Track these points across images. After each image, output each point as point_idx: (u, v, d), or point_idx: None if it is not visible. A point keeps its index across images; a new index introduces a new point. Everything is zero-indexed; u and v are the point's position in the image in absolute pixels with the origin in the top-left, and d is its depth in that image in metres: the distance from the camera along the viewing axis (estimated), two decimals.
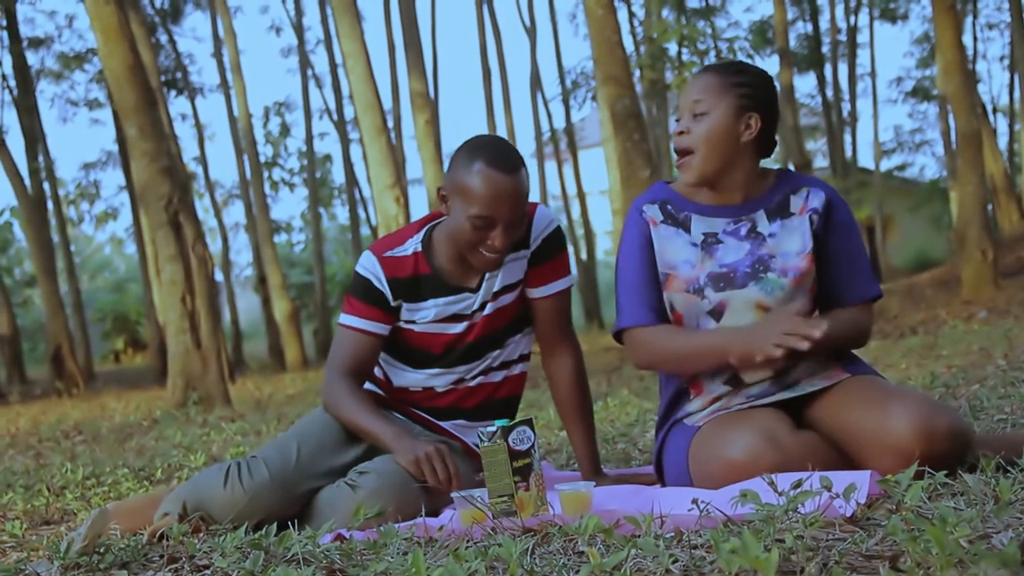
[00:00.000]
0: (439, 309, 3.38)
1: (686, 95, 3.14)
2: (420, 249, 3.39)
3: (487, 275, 3.38)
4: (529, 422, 3.02)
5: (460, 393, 3.47)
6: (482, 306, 3.40)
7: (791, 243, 3.13)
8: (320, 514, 3.19)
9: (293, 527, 3.03)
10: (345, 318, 3.42)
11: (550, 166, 30.43)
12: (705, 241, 3.16)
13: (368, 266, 3.39)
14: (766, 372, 3.10)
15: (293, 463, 3.28)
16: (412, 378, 3.47)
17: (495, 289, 3.40)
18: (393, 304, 3.38)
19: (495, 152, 3.21)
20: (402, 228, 3.48)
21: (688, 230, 3.18)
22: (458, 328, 3.40)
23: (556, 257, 3.46)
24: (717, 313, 3.11)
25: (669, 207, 3.22)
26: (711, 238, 3.16)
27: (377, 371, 3.54)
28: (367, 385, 3.53)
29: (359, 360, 3.41)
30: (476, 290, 3.39)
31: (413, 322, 3.40)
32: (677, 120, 3.18)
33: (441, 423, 3.49)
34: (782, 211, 3.16)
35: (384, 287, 3.36)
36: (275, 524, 2.87)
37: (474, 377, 3.47)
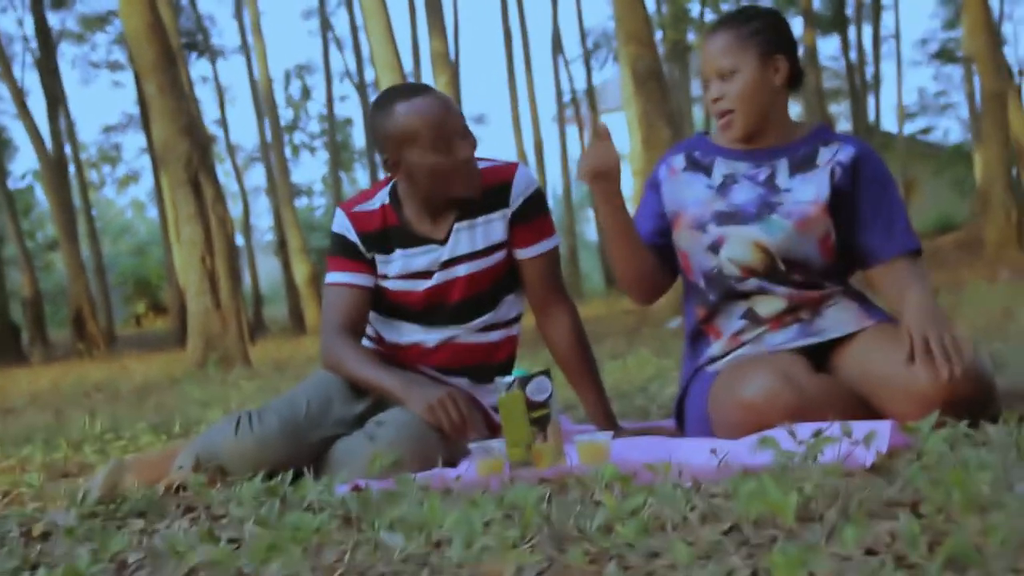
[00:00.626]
0: (405, 260, 3.37)
1: (708, 59, 3.12)
2: (388, 201, 3.40)
3: (455, 227, 3.36)
4: (547, 373, 3.00)
5: (453, 350, 3.44)
6: (451, 263, 3.37)
7: (804, 192, 3.10)
8: (337, 464, 3.18)
9: (309, 472, 3.02)
10: (330, 276, 3.43)
11: (571, 130, 30.33)
12: (723, 183, 3.17)
13: (339, 223, 3.42)
14: (779, 302, 3.09)
15: (303, 412, 3.29)
16: (400, 333, 3.46)
17: (470, 250, 3.37)
18: (368, 257, 3.37)
19: (404, 90, 3.30)
20: (369, 187, 3.49)
21: (709, 173, 3.20)
22: (426, 284, 3.38)
23: (539, 217, 3.44)
24: (715, 246, 3.12)
25: (696, 153, 3.25)
26: (729, 179, 3.17)
27: (370, 330, 3.53)
28: (365, 343, 3.51)
29: (351, 315, 3.40)
30: (443, 242, 3.36)
31: (386, 276, 3.40)
32: (704, 86, 3.16)
33: (446, 377, 3.47)
34: (806, 164, 3.14)
35: (356, 240, 3.37)
36: (291, 473, 2.87)
37: (474, 332, 3.44)
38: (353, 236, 3.38)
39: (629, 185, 25.59)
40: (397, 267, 3.38)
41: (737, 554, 1.86)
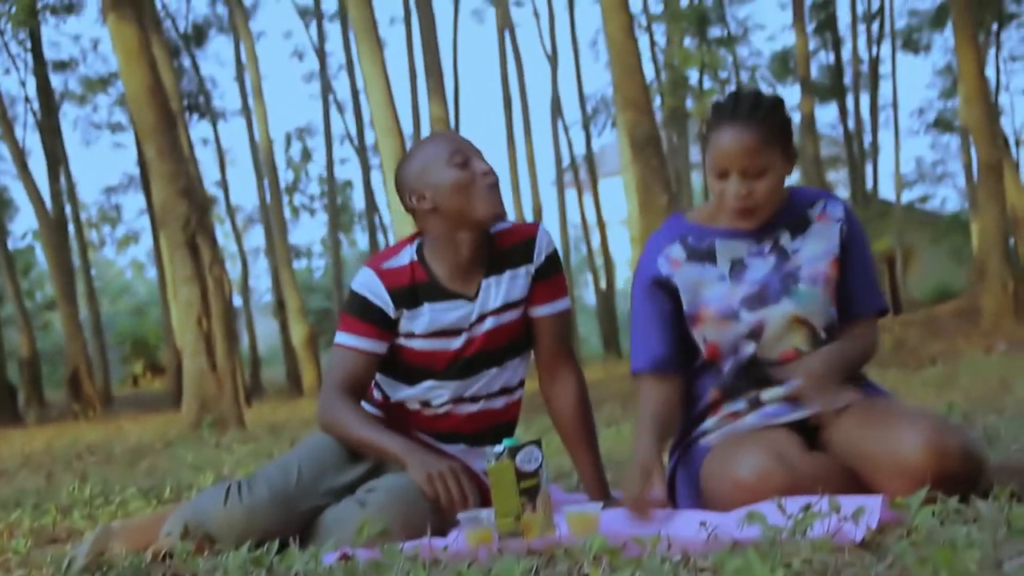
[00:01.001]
0: (433, 315, 3.33)
1: (732, 155, 2.99)
2: (416, 258, 3.38)
3: (484, 284, 3.36)
4: (538, 443, 2.99)
5: (461, 418, 3.43)
6: (481, 319, 3.36)
7: (815, 248, 3.10)
8: (326, 532, 3.16)
9: (295, 543, 3.00)
10: (340, 336, 3.39)
11: (570, 194, 30.42)
12: (732, 269, 3.13)
13: (365, 281, 3.36)
14: (781, 390, 3.08)
15: (294, 481, 3.26)
16: (409, 392, 3.42)
17: (497, 304, 3.36)
18: (394, 315, 3.33)
19: (431, 135, 3.45)
20: (393, 245, 3.48)
21: (714, 260, 3.14)
22: (457, 343, 3.35)
23: (557, 275, 3.46)
24: (755, 333, 3.08)
25: (690, 239, 3.18)
26: (738, 264, 3.13)
27: (376, 393, 3.51)
28: (365, 406, 3.49)
29: (355, 379, 3.37)
30: (473, 298, 3.36)
31: (412, 335, 3.35)
32: (719, 174, 3.03)
33: (443, 445, 3.45)
34: (802, 225, 3.14)
35: (385, 299, 3.32)
36: (277, 542, 2.84)
37: (476, 400, 3.42)
38: (378, 298, 3.32)
39: (627, 250, 25.49)
40: (425, 322, 3.33)
41: None
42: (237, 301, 30.25)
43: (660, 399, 3.15)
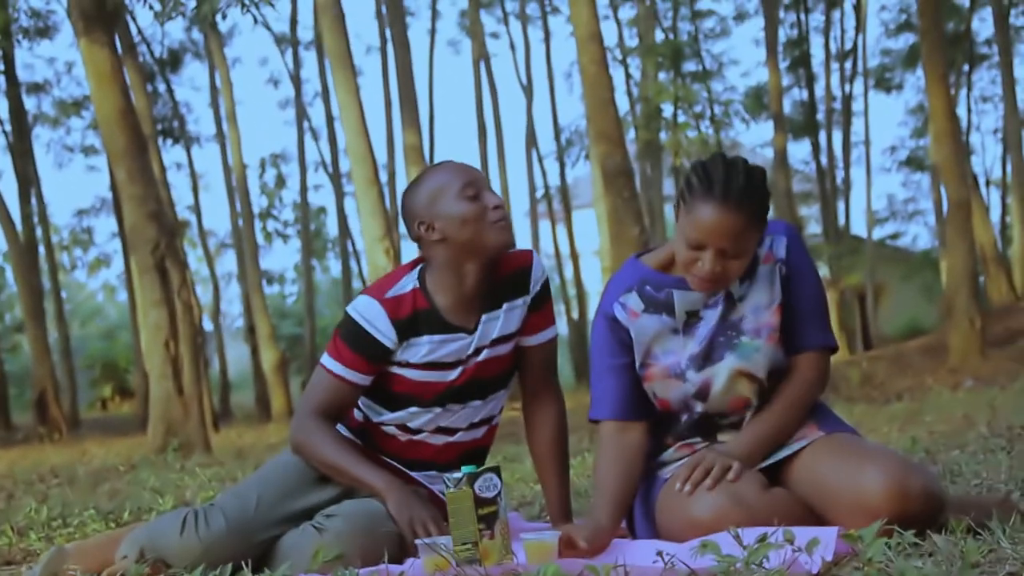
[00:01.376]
0: (432, 346, 3.30)
1: (714, 234, 2.91)
2: (418, 286, 3.33)
3: (483, 318, 3.33)
4: (496, 469, 2.98)
5: (437, 448, 3.40)
6: (477, 351, 3.35)
7: (760, 296, 3.09)
8: (283, 557, 3.14)
9: (246, 567, 2.98)
10: (329, 362, 3.34)
11: (544, 225, 30.46)
12: (687, 322, 3.12)
13: (365, 312, 3.28)
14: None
15: (252, 511, 3.23)
16: (389, 416, 3.40)
17: (494, 336, 3.35)
18: (394, 347, 3.29)
19: (440, 162, 3.37)
20: (392, 271, 3.44)
21: (672, 311, 3.12)
22: (452, 375, 3.34)
23: (548, 304, 3.45)
24: (702, 393, 3.09)
25: (648, 288, 3.15)
26: (693, 317, 3.12)
27: (357, 414, 3.47)
28: (342, 431, 3.47)
29: (335, 406, 3.35)
30: (472, 331, 3.34)
31: (408, 364, 3.32)
32: (695, 246, 2.95)
33: (411, 472, 3.43)
34: (749, 269, 3.12)
35: (386, 332, 3.27)
36: (231, 566, 2.83)
37: (455, 432, 3.41)
38: (378, 331, 3.26)
39: (599, 280, 25.49)
40: (423, 353, 3.30)
41: None
42: (208, 326, 30.13)
43: (620, 447, 3.14)
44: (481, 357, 3.34)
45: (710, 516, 2.82)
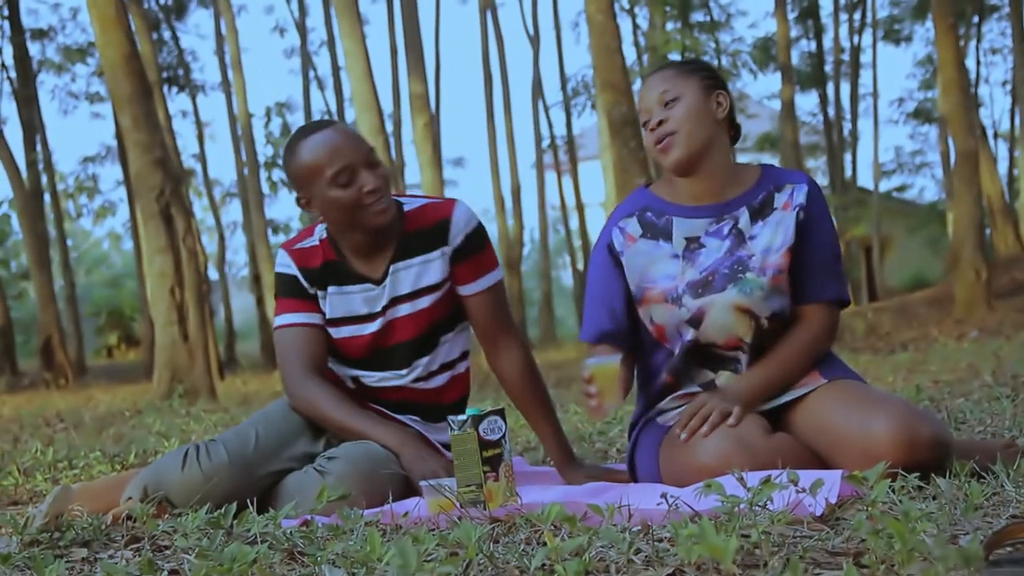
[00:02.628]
0: (341, 299, 3.35)
1: (648, 93, 3.12)
2: (326, 236, 3.38)
3: (391, 268, 3.34)
4: (501, 412, 2.98)
5: (399, 394, 3.43)
6: (393, 304, 3.35)
7: (772, 238, 3.08)
8: (287, 498, 3.16)
9: (252, 505, 3.00)
10: (280, 318, 3.40)
11: (550, 176, 30.41)
12: (687, 248, 3.11)
13: (282, 261, 3.40)
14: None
15: (252, 446, 3.25)
16: (343, 371, 3.45)
17: (408, 290, 3.35)
18: (311, 291, 3.36)
19: (306, 128, 3.31)
20: (308, 226, 3.47)
21: (670, 237, 3.12)
22: (371, 327, 3.36)
23: (480, 252, 3.41)
24: (696, 320, 3.06)
25: (649, 214, 3.17)
26: (693, 243, 3.11)
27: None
28: None
29: (312, 355, 3.37)
30: (380, 282, 3.35)
31: (329, 322, 3.37)
32: (644, 124, 3.14)
33: (397, 415, 3.44)
34: (765, 209, 3.11)
35: (301, 276, 3.36)
36: (235, 505, 2.83)
37: (414, 381, 3.42)
38: (295, 272, 3.37)
39: None
40: (335, 304, 3.36)
41: None
42: (214, 274, 30.19)
43: None
44: (403, 311, 3.35)
45: (714, 461, 2.82)
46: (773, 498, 2.40)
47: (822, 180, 32.02)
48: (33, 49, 25.94)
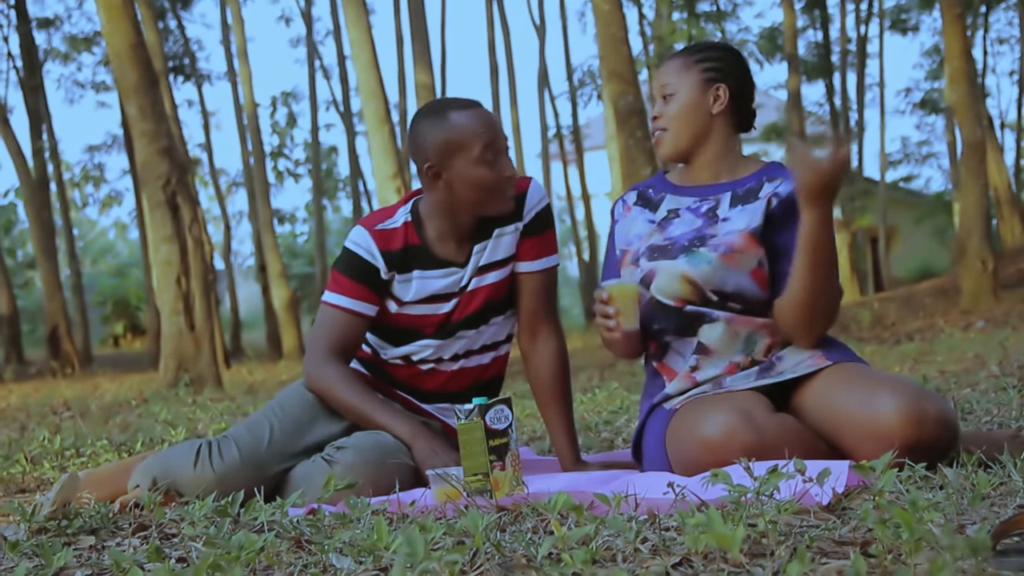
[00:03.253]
0: (422, 283, 3.30)
1: (655, 83, 3.21)
2: (409, 219, 3.33)
3: (475, 248, 3.33)
4: (507, 401, 2.98)
5: (446, 376, 3.41)
6: (469, 281, 3.34)
7: (738, 222, 3.11)
8: (295, 487, 3.16)
9: (258, 494, 3.00)
10: (331, 296, 3.33)
11: (555, 166, 30.39)
12: (665, 217, 3.19)
13: (359, 240, 3.30)
14: (720, 326, 3.08)
15: (265, 444, 3.24)
16: (394, 352, 3.40)
17: (485, 262, 3.34)
18: (385, 277, 3.30)
19: (455, 101, 3.27)
20: (387, 206, 3.43)
21: (655, 210, 3.22)
22: (447, 307, 3.33)
23: (546, 232, 3.40)
24: (646, 281, 3.11)
25: (650, 191, 3.28)
26: (672, 214, 3.19)
27: (366, 348, 3.47)
28: (353, 363, 3.47)
29: (346, 341, 3.33)
30: (464, 265, 3.33)
31: (403, 302, 3.32)
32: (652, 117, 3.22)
33: (424, 405, 3.44)
34: (748, 196, 3.14)
35: (378, 260, 3.28)
36: (242, 493, 2.84)
37: (458, 358, 3.41)
38: (373, 257, 3.29)
39: (609, 221, 25.63)
40: (413, 290, 3.31)
41: None
42: (220, 264, 30.18)
43: None
44: (471, 286, 3.34)
45: (721, 435, 2.82)
46: (780, 487, 2.41)
47: None
48: (39, 38, 25.96)
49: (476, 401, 2.92)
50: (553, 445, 3.47)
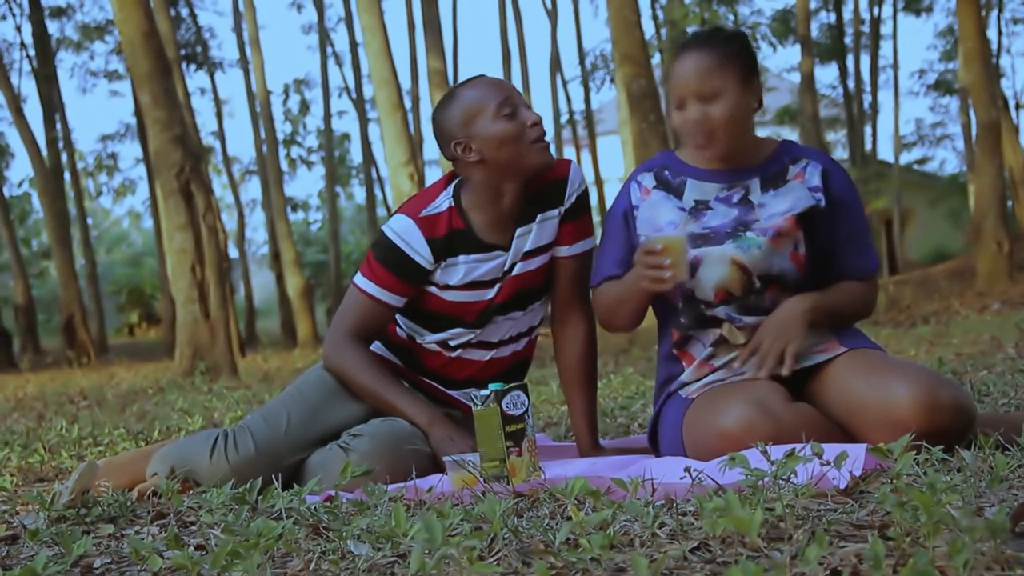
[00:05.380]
0: (469, 266, 3.28)
1: (685, 80, 3.05)
2: (453, 204, 3.29)
3: (518, 232, 3.30)
4: (524, 387, 2.98)
5: (479, 365, 3.40)
6: (512, 266, 3.33)
7: (778, 205, 3.10)
8: (311, 475, 3.17)
9: (277, 481, 3.01)
10: (363, 282, 3.31)
11: (569, 151, 30.35)
12: (695, 207, 3.14)
13: (402, 231, 3.26)
14: (743, 335, 3.08)
15: (281, 434, 3.24)
16: (432, 337, 3.38)
17: (526, 248, 3.32)
18: (431, 268, 3.27)
19: (471, 77, 3.29)
20: (426, 189, 3.39)
21: (681, 196, 3.16)
22: (491, 292, 3.32)
23: (585, 215, 3.39)
24: (692, 268, 3.08)
25: (666, 172, 3.21)
26: (701, 205, 3.14)
27: (400, 332, 3.45)
28: (381, 349, 3.47)
29: (370, 328, 3.34)
30: (508, 248, 3.31)
31: (448, 287, 3.30)
32: (678, 105, 3.09)
33: (450, 391, 3.43)
34: (777, 180, 3.13)
35: (423, 252, 3.24)
36: (260, 481, 2.85)
37: (491, 347, 3.40)
38: (415, 251, 3.25)
39: None
40: (460, 274, 3.28)
41: (702, 572, 1.85)
42: (234, 252, 30.24)
43: None
44: (516, 271, 3.32)
45: (739, 427, 2.82)
46: (797, 471, 2.40)
47: (842, 153, 31.91)
48: (52, 27, 25.97)
49: (492, 387, 2.92)
50: (573, 427, 3.48)
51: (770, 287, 3.09)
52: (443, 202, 3.29)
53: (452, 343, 3.38)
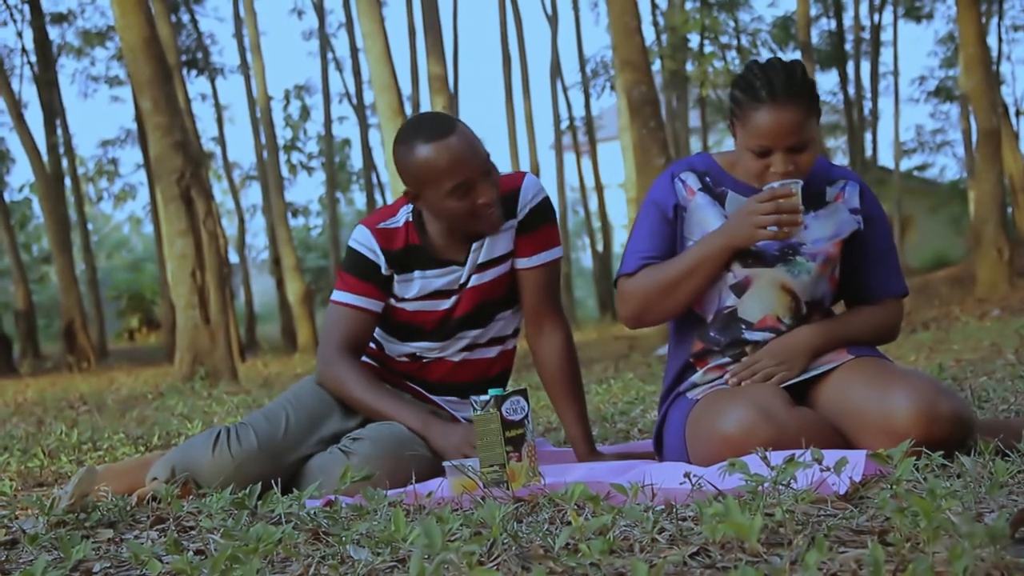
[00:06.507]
0: (424, 282, 3.33)
1: (781, 134, 2.94)
2: (411, 219, 3.35)
3: (473, 247, 3.33)
4: (523, 392, 2.98)
5: (448, 367, 3.43)
6: (468, 279, 3.35)
7: (823, 230, 3.11)
8: (311, 479, 3.17)
9: (276, 486, 3.01)
10: (338, 295, 3.37)
11: (569, 158, 30.35)
12: None
13: (362, 239, 3.34)
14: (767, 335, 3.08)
15: (282, 431, 3.26)
16: (399, 348, 3.44)
17: (480, 260, 3.35)
18: (386, 273, 3.33)
19: (428, 126, 3.18)
20: (389, 204, 3.44)
21: (723, 205, 3.14)
22: (447, 304, 3.36)
23: (544, 227, 3.39)
24: (740, 288, 3.08)
25: (708, 179, 3.17)
26: None
27: (372, 344, 3.50)
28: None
29: (355, 338, 3.37)
30: (463, 263, 3.34)
31: (403, 299, 3.35)
32: (761, 152, 2.98)
33: (433, 397, 3.45)
34: (817, 201, 3.13)
35: (379, 257, 3.31)
36: (260, 485, 2.85)
37: (458, 352, 3.42)
38: (375, 255, 3.32)
39: (624, 213, 25.46)
40: (416, 288, 3.34)
41: None
42: (234, 257, 30.20)
43: None
44: (471, 284, 3.35)
45: (740, 431, 2.82)
46: (797, 477, 2.41)
47: (843, 160, 31.92)
48: (53, 33, 25.99)
49: (492, 392, 2.92)
50: (568, 436, 3.48)
51: (813, 310, 3.11)
52: (401, 217, 3.35)
53: (419, 355, 3.42)
